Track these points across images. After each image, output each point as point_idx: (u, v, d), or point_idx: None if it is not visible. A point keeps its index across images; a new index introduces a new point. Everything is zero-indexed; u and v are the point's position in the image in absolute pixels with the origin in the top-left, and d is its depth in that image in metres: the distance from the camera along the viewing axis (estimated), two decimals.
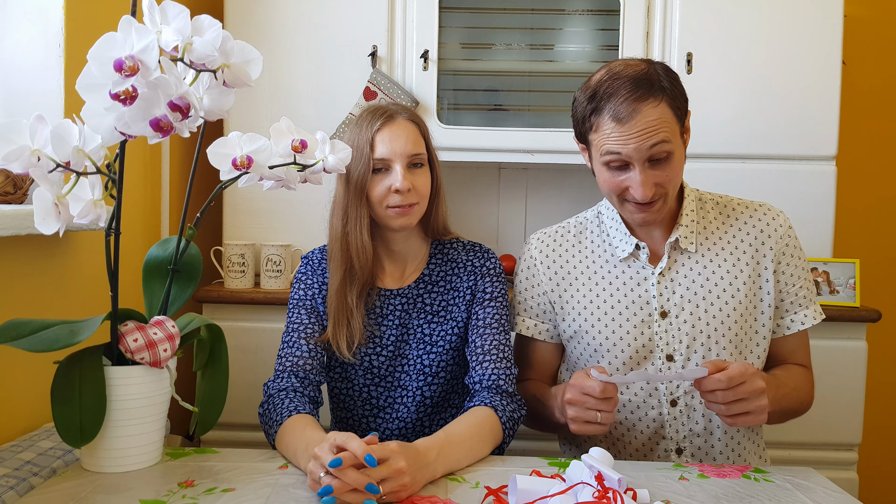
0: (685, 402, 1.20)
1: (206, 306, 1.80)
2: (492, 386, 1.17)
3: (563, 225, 1.35)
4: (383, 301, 1.26)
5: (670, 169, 1.13)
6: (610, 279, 1.24)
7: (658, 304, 1.21)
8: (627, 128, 1.09)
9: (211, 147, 0.94)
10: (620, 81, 1.11)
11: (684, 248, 1.22)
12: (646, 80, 1.10)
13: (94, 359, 0.94)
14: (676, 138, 1.13)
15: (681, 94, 1.15)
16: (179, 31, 0.82)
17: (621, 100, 1.09)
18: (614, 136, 1.10)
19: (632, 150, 1.10)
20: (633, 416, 1.22)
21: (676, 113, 1.12)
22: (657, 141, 1.09)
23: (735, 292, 1.20)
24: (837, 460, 1.83)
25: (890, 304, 2.22)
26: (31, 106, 1.28)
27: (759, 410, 1.03)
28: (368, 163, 1.18)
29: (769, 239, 1.23)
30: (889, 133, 2.33)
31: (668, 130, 1.10)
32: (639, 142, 1.09)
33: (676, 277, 1.21)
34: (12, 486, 0.90)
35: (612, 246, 1.26)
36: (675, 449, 1.22)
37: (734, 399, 1.02)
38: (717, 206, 1.27)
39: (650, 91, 1.10)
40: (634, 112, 1.09)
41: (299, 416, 1.08)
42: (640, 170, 1.11)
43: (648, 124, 1.09)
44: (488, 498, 0.90)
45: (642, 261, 1.23)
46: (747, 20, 1.85)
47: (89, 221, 0.87)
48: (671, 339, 1.20)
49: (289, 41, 1.88)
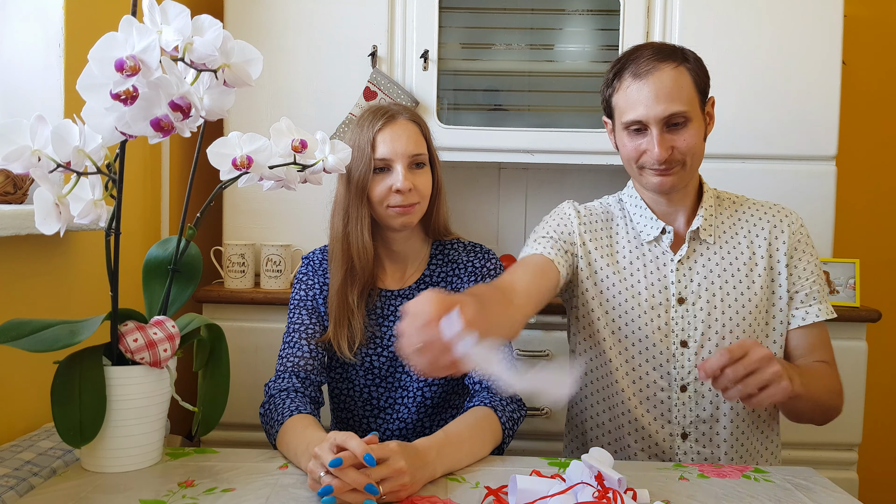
0: (695, 388, 1.21)
1: (206, 306, 1.80)
2: (492, 386, 1.17)
3: (588, 205, 1.34)
4: (384, 302, 1.26)
5: (687, 134, 1.16)
6: (631, 259, 1.26)
7: (676, 290, 1.22)
8: (645, 83, 1.14)
9: (211, 147, 0.94)
10: (644, 48, 1.19)
11: (703, 239, 1.24)
12: (669, 48, 1.18)
13: (94, 359, 0.94)
14: (695, 108, 1.17)
15: (703, 70, 1.20)
16: (180, 30, 0.82)
17: (643, 60, 1.16)
18: (633, 91, 1.15)
19: (649, 110, 1.14)
20: (641, 394, 1.23)
21: (696, 83, 1.17)
22: (673, 102, 1.13)
23: (751, 284, 1.22)
24: (837, 460, 1.83)
25: (890, 304, 2.22)
26: (31, 106, 1.28)
27: (775, 378, 0.99)
28: (369, 163, 1.19)
29: (782, 234, 1.25)
30: (889, 133, 2.32)
31: (685, 95, 1.15)
32: (655, 100, 1.13)
33: (695, 266, 1.23)
34: (12, 486, 0.90)
35: (636, 230, 1.28)
36: (681, 433, 1.22)
37: (744, 373, 0.98)
38: (734, 205, 1.30)
39: (672, 55, 1.16)
40: (654, 69, 1.14)
41: (300, 416, 1.08)
42: (658, 132, 1.15)
43: (665, 83, 1.14)
44: (488, 498, 0.90)
45: (664, 245, 1.25)
46: (747, 20, 1.85)
47: (89, 221, 0.87)
48: (687, 325, 1.21)
49: (289, 41, 1.88)
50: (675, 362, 1.21)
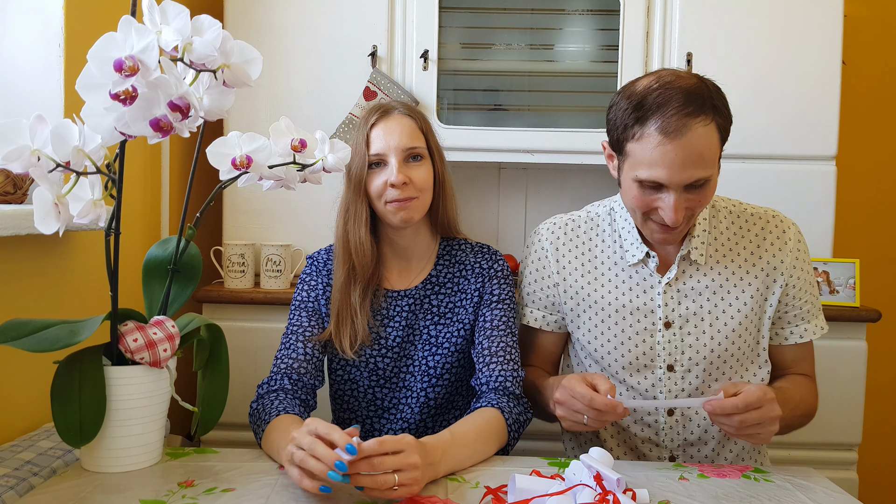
0: (682, 411, 1.20)
1: (206, 306, 1.80)
2: (499, 388, 1.17)
3: (574, 217, 1.31)
4: (390, 303, 1.26)
5: (704, 194, 1.08)
6: (616, 283, 1.23)
7: (663, 313, 1.19)
8: (673, 147, 1.02)
9: (210, 147, 0.94)
10: (672, 92, 1.03)
11: (694, 260, 1.19)
12: (698, 96, 1.03)
13: (94, 359, 0.94)
14: (717, 164, 1.07)
15: (728, 116, 1.08)
16: (179, 31, 0.82)
17: (671, 112, 1.02)
18: (658, 153, 1.03)
19: (674, 177, 1.03)
20: (629, 418, 1.22)
21: (721, 136, 1.07)
22: (700, 175, 1.04)
23: (742, 306, 1.18)
24: (837, 460, 1.83)
25: (890, 304, 2.22)
26: (31, 106, 1.28)
27: (767, 434, 1.02)
28: (364, 158, 1.19)
29: (780, 252, 1.20)
30: (889, 133, 2.32)
31: (712, 158, 1.05)
32: (682, 169, 1.03)
33: (683, 289, 1.19)
34: (12, 486, 0.90)
35: (623, 249, 1.23)
36: (669, 457, 1.22)
37: (749, 424, 0.99)
38: (731, 216, 1.23)
39: (702, 108, 1.03)
40: (684, 128, 1.01)
41: (287, 415, 1.08)
42: (676, 195, 1.05)
43: (695, 149, 1.02)
44: (487, 497, 0.90)
45: (650, 268, 1.20)
46: (747, 20, 1.85)
47: (89, 221, 0.87)
48: (673, 349, 1.19)
49: (289, 41, 1.88)
50: (662, 386, 1.19)
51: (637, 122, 1.06)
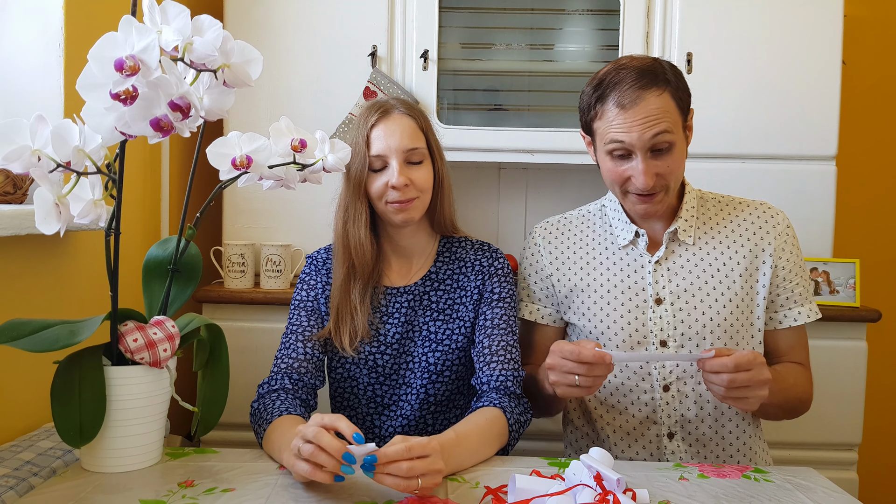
0: (677, 387, 1.21)
1: (206, 306, 1.80)
2: (500, 387, 1.17)
3: (566, 216, 1.39)
4: (389, 300, 1.26)
5: (672, 160, 1.16)
6: (608, 265, 1.27)
7: (653, 291, 1.23)
8: (630, 114, 1.12)
9: (210, 147, 0.94)
10: (626, 71, 1.15)
11: (682, 240, 1.24)
12: (650, 71, 1.14)
13: (94, 359, 0.94)
14: (678, 131, 1.16)
15: (684, 88, 1.18)
16: (180, 30, 0.82)
17: (626, 87, 1.13)
18: (617, 123, 1.14)
19: (635, 139, 1.12)
20: (626, 399, 1.24)
21: (679, 105, 1.16)
22: (659, 130, 1.12)
23: (731, 284, 1.22)
24: (837, 460, 1.83)
25: (890, 304, 2.22)
26: (31, 106, 1.28)
27: (755, 399, 1.03)
28: (365, 159, 1.19)
29: (768, 235, 1.25)
30: (889, 133, 2.32)
31: (670, 121, 1.13)
32: (641, 129, 1.12)
33: (673, 267, 1.24)
34: (12, 486, 0.90)
35: (613, 234, 1.30)
36: (667, 433, 1.23)
37: (738, 385, 1.01)
38: (718, 205, 1.30)
39: (654, 81, 1.13)
40: (638, 99, 1.12)
41: (288, 416, 1.08)
42: (642, 158, 1.14)
43: (651, 112, 1.12)
44: (487, 497, 0.90)
45: (640, 248, 1.26)
46: (747, 20, 1.85)
47: (89, 221, 0.87)
48: (665, 325, 1.22)
49: (289, 41, 1.88)
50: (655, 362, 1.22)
51: (598, 101, 1.17)
